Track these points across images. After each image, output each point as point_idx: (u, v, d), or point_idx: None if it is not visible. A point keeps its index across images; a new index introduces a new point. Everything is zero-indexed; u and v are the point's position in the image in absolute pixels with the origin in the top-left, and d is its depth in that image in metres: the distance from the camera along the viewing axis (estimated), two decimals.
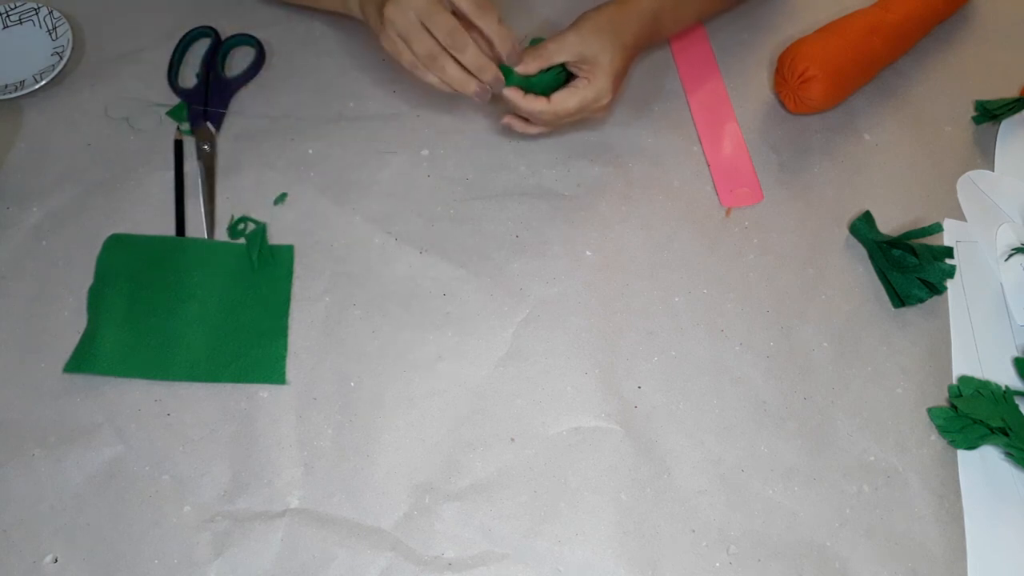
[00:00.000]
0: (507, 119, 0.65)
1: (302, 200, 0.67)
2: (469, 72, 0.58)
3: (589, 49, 0.60)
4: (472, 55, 0.57)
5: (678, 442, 0.58)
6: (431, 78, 0.58)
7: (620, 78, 0.63)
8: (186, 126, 0.70)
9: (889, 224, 0.67)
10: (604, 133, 0.71)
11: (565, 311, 0.63)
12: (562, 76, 0.63)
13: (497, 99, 0.61)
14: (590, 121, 0.69)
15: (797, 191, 0.69)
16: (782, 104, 0.72)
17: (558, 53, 0.61)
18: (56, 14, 0.73)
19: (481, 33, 0.57)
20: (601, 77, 0.61)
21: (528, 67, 0.60)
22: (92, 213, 0.66)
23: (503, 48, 0.58)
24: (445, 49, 0.57)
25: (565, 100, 0.61)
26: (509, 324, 0.62)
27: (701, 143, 0.71)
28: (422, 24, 0.56)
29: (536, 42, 0.62)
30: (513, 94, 0.61)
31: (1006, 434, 0.58)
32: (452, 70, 0.57)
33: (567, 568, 0.54)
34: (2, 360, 0.60)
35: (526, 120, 0.64)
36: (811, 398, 0.60)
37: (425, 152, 0.70)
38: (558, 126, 0.65)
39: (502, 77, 0.59)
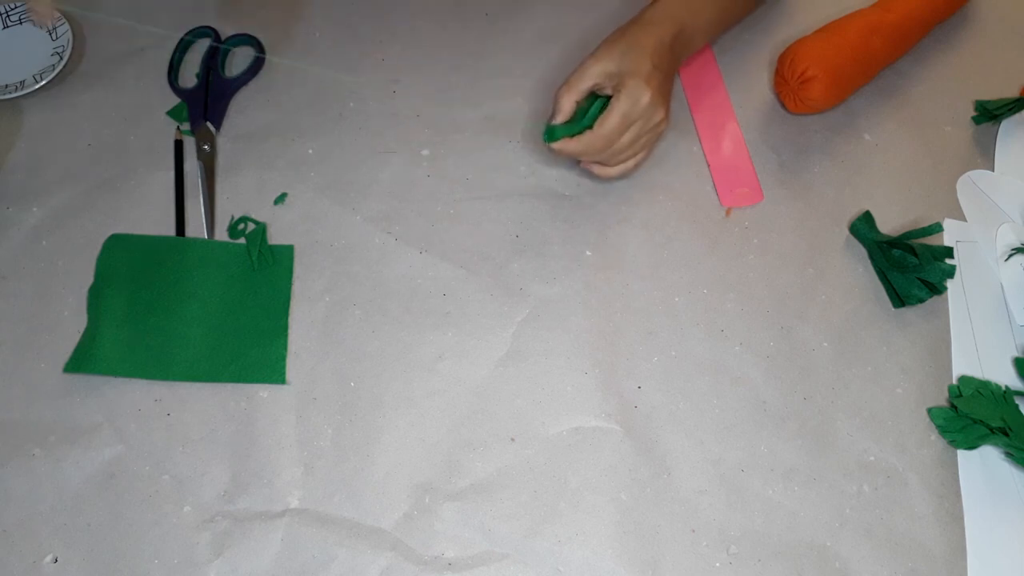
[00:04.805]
0: (583, 164, 0.65)
1: (302, 200, 0.67)
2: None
3: (611, 65, 0.59)
4: None
5: (678, 442, 0.58)
6: None
7: (658, 82, 0.60)
8: (186, 126, 0.70)
9: (889, 224, 0.67)
10: None
11: (565, 311, 0.63)
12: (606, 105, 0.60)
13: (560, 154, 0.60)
14: (656, 139, 0.64)
15: (797, 191, 0.69)
16: (782, 104, 0.72)
17: (583, 80, 0.59)
18: (56, 14, 0.73)
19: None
20: (631, 83, 0.58)
21: (563, 109, 0.59)
22: (92, 213, 0.66)
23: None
24: None
25: (605, 120, 0.59)
26: (509, 324, 0.62)
27: (701, 143, 0.71)
28: None
29: (553, 131, 0.60)
30: (559, 146, 0.59)
31: (1006, 434, 0.58)
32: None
33: (567, 568, 0.54)
34: (2, 360, 0.60)
35: (601, 163, 0.63)
36: (811, 398, 0.60)
37: (425, 152, 0.70)
38: (628, 157, 0.63)
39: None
